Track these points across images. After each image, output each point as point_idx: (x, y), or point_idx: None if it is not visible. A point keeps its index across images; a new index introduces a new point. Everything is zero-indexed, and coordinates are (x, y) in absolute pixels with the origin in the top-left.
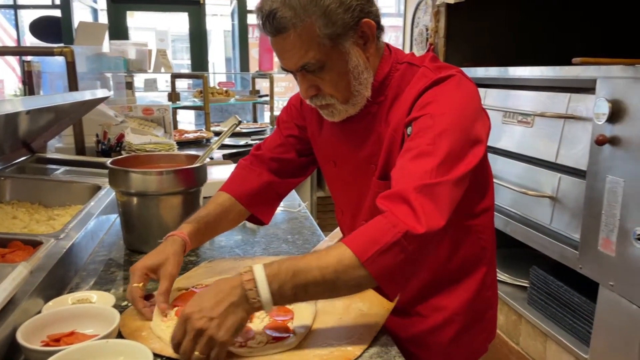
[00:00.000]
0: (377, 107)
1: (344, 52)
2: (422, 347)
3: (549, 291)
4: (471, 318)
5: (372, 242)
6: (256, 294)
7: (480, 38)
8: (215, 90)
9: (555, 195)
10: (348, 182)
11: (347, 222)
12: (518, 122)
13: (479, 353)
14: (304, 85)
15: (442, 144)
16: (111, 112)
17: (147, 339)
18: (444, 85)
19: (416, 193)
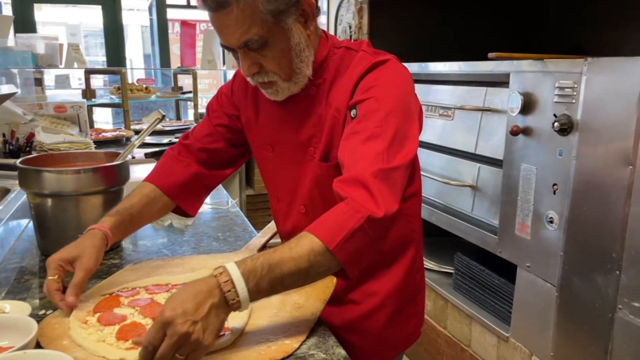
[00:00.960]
0: (315, 89)
1: (286, 28)
2: (357, 333)
3: (472, 276)
4: (403, 301)
5: (338, 229)
6: (235, 294)
7: (403, 35)
8: (134, 86)
9: (475, 185)
10: (286, 166)
11: (283, 209)
12: (439, 116)
13: (413, 337)
14: (246, 63)
15: (389, 126)
16: (19, 110)
17: (68, 348)
18: (384, 69)
19: (373, 178)
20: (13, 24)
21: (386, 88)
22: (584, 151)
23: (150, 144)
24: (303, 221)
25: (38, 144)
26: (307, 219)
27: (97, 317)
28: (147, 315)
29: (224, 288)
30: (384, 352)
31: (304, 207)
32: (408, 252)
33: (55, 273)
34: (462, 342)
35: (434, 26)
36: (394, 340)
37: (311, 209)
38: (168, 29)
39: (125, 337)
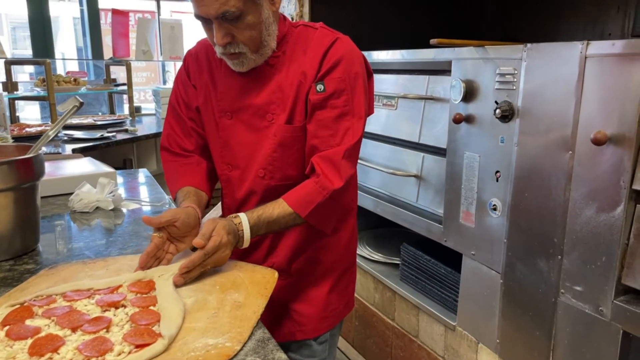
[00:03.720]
0: (275, 60)
1: (259, 4)
2: (305, 302)
3: (419, 266)
4: (343, 269)
5: (308, 202)
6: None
7: (343, 24)
8: (61, 78)
9: (419, 174)
10: (243, 133)
11: (237, 176)
12: (383, 106)
13: (350, 305)
14: (220, 33)
15: (354, 104)
16: None
17: None
18: (345, 45)
19: (342, 158)
20: None
21: (349, 68)
22: (525, 138)
23: (80, 139)
24: (260, 185)
25: None
26: (264, 183)
27: (5, 330)
28: (65, 325)
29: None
30: (329, 317)
31: (263, 170)
32: (349, 221)
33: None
34: (410, 333)
35: (375, 15)
36: (337, 307)
37: (270, 172)
38: (100, 19)
39: (40, 352)
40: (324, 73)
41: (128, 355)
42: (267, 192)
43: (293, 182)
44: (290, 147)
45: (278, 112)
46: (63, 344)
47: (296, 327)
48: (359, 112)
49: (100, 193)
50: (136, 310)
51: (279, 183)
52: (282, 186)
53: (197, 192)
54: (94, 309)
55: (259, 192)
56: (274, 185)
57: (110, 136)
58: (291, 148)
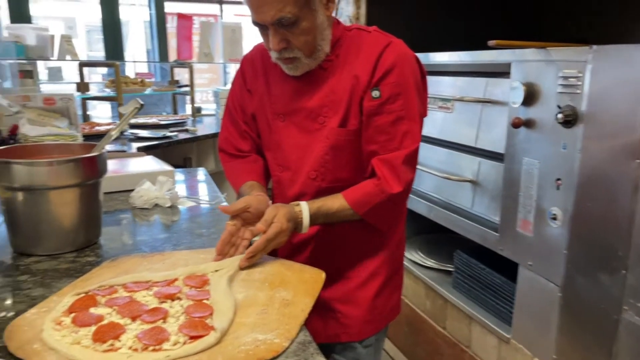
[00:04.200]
0: (328, 63)
1: (314, 9)
2: (351, 304)
3: (472, 274)
4: (390, 273)
5: (365, 202)
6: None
7: (400, 25)
8: (129, 79)
9: (476, 179)
10: (295, 135)
11: (288, 177)
12: (439, 108)
13: (396, 310)
14: (276, 38)
15: (410, 108)
16: (4, 102)
17: (39, 352)
18: (398, 49)
19: (402, 164)
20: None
21: (403, 72)
22: (589, 144)
23: (145, 138)
24: (311, 187)
25: (22, 137)
26: (315, 185)
27: (71, 317)
28: (125, 315)
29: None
30: (374, 321)
31: (314, 172)
32: (399, 226)
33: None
34: (462, 343)
35: (431, 16)
36: (382, 311)
37: (321, 174)
38: (166, 22)
39: (103, 338)
40: (379, 78)
41: (183, 345)
42: (318, 193)
43: (344, 184)
44: (342, 150)
45: (330, 115)
46: (124, 332)
47: (341, 329)
48: (415, 115)
49: (159, 190)
50: (191, 303)
51: (330, 185)
52: (333, 188)
53: (260, 186)
54: (152, 300)
55: (310, 194)
56: (325, 187)
57: (172, 135)
58: (343, 151)
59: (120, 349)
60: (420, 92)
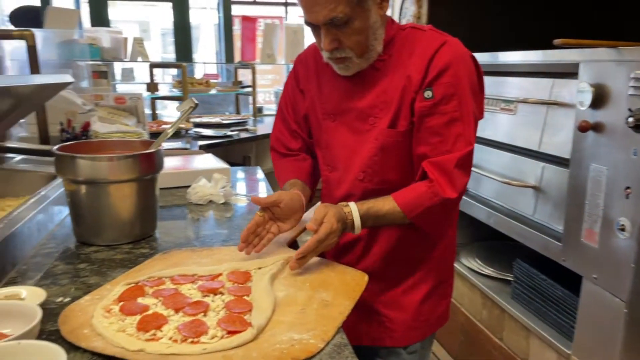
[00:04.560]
0: (381, 63)
1: (367, 9)
2: (396, 308)
3: (533, 285)
4: (439, 280)
5: (416, 205)
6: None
7: (462, 24)
8: (195, 80)
9: (538, 185)
10: (345, 135)
11: (336, 178)
12: (501, 110)
13: (444, 318)
14: (328, 38)
15: (464, 109)
16: (78, 100)
17: (88, 337)
18: (454, 49)
19: (454, 167)
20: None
21: (458, 72)
22: None
23: (208, 137)
24: (359, 188)
25: (93, 133)
26: (362, 186)
27: (119, 306)
28: (169, 306)
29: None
30: (420, 327)
31: (362, 173)
32: (450, 232)
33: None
34: (519, 356)
35: (496, 14)
36: (429, 317)
37: (369, 175)
38: (233, 25)
39: (146, 327)
40: (432, 78)
41: (220, 339)
42: (365, 195)
43: (392, 186)
44: (391, 151)
45: (381, 116)
46: (166, 322)
47: (386, 333)
48: (469, 117)
49: (214, 187)
50: (232, 298)
51: (378, 187)
52: (380, 190)
53: (302, 184)
54: (196, 293)
55: (357, 195)
56: (372, 188)
57: (233, 135)
58: (392, 152)
59: (162, 339)
60: (475, 94)
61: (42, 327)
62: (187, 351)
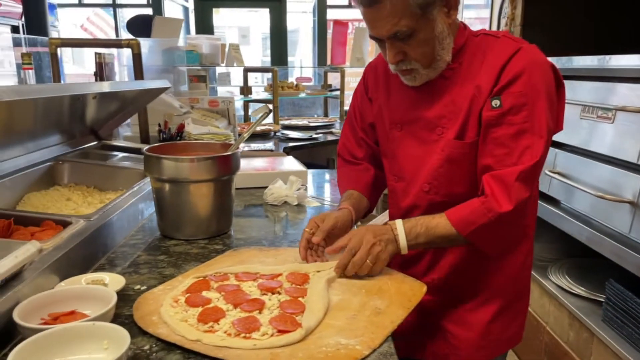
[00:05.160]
0: (450, 72)
1: (432, 19)
2: (462, 325)
3: (626, 308)
4: (512, 298)
5: (469, 222)
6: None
7: (559, 25)
8: (285, 84)
9: (635, 201)
10: (412, 145)
11: (402, 188)
12: (598, 118)
13: (516, 338)
14: (392, 52)
15: (535, 121)
16: (176, 103)
17: (155, 323)
18: (528, 55)
19: (515, 181)
20: (195, 26)
21: (532, 80)
22: None
23: (294, 139)
24: (424, 199)
25: (187, 134)
26: (428, 198)
27: (186, 297)
28: (229, 301)
29: (394, 232)
30: (487, 347)
31: (428, 185)
32: (522, 247)
33: (311, 227)
34: None
35: (596, 14)
36: (499, 337)
37: (435, 187)
38: (327, 29)
39: (205, 319)
40: (502, 87)
41: (270, 337)
42: (431, 207)
43: (459, 199)
44: (457, 163)
45: (449, 127)
46: (223, 316)
47: (450, 350)
48: (540, 129)
49: (289, 189)
50: (287, 298)
51: (444, 199)
52: (446, 203)
53: (359, 196)
54: (255, 290)
55: (422, 207)
56: (439, 201)
57: (318, 137)
58: (459, 164)
59: (217, 331)
60: (552, 104)
61: (119, 311)
62: (239, 345)
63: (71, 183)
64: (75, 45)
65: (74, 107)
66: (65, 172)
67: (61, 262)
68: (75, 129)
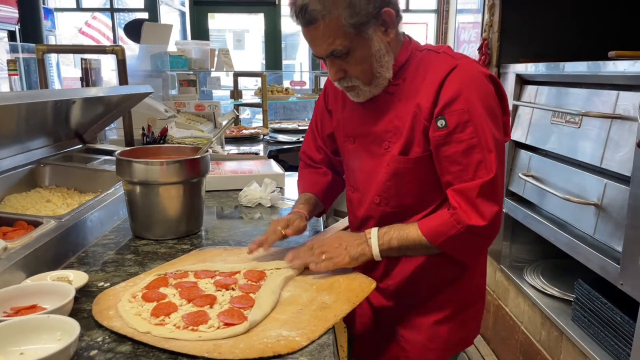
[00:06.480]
0: (394, 88)
1: (367, 38)
2: (411, 328)
3: (593, 308)
4: (463, 304)
5: (440, 233)
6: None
7: (537, 31)
8: (275, 88)
9: (599, 203)
10: (363, 158)
11: (357, 198)
12: (566, 123)
13: (466, 343)
14: (332, 69)
15: (482, 134)
16: (161, 107)
17: (112, 317)
18: (465, 72)
19: (477, 196)
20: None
21: (471, 97)
22: None
23: (281, 142)
24: (376, 211)
25: (170, 138)
26: (379, 209)
27: (142, 294)
28: (184, 297)
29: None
30: (435, 350)
31: (378, 197)
32: (480, 259)
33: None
34: None
35: (572, 21)
36: (447, 340)
37: (385, 200)
38: None
39: (157, 314)
40: (443, 106)
41: (216, 330)
42: (383, 217)
43: (409, 210)
44: (403, 177)
45: (394, 141)
46: (175, 311)
47: (401, 352)
48: (487, 144)
49: (263, 192)
50: (239, 294)
51: (394, 210)
52: (397, 213)
53: (316, 199)
54: (211, 287)
55: (375, 217)
56: (389, 211)
57: None
58: (405, 178)
59: (167, 324)
60: (495, 116)
61: (81, 306)
62: (185, 337)
63: (52, 185)
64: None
65: (58, 112)
66: (47, 175)
67: (28, 260)
68: (61, 133)
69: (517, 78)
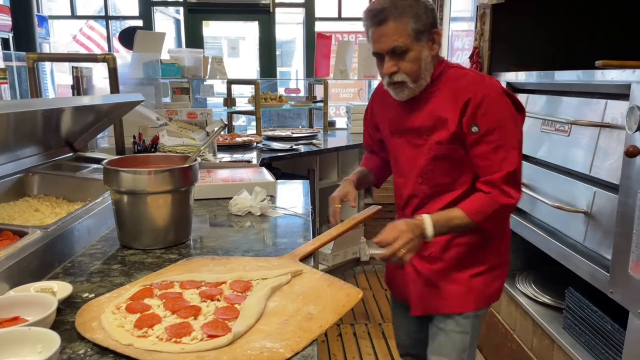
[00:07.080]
0: (429, 94)
1: (421, 44)
2: (452, 282)
3: (583, 316)
4: (492, 265)
5: (481, 212)
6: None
7: (526, 41)
8: (269, 95)
9: (589, 211)
10: (407, 148)
11: (403, 182)
12: (556, 131)
13: (494, 297)
14: (389, 64)
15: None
16: (152, 115)
17: (95, 329)
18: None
19: (502, 182)
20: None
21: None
22: None
23: (274, 149)
24: (419, 190)
25: (161, 146)
26: (421, 188)
27: (126, 305)
28: (168, 308)
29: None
30: (472, 296)
31: (420, 178)
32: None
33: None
34: None
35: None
36: (481, 290)
37: (425, 180)
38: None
39: (141, 325)
40: (474, 115)
41: (199, 342)
42: (424, 195)
43: (444, 188)
44: (440, 160)
45: (431, 133)
46: (159, 322)
47: (443, 302)
48: (513, 143)
49: (253, 200)
50: (225, 305)
51: (433, 189)
52: (435, 192)
53: (367, 171)
54: (196, 298)
55: (419, 195)
56: (429, 190)
57: (298, 148)
58: (442, 161)
59: (150, 336)
60: (515, 121)
61: (64, 318)
62: (168, 349)
63: (41, 194)
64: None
65: (47, 121)
66: (35, 183)
67: (12, 271)
68: (51, 141)
69: (507, 86)
